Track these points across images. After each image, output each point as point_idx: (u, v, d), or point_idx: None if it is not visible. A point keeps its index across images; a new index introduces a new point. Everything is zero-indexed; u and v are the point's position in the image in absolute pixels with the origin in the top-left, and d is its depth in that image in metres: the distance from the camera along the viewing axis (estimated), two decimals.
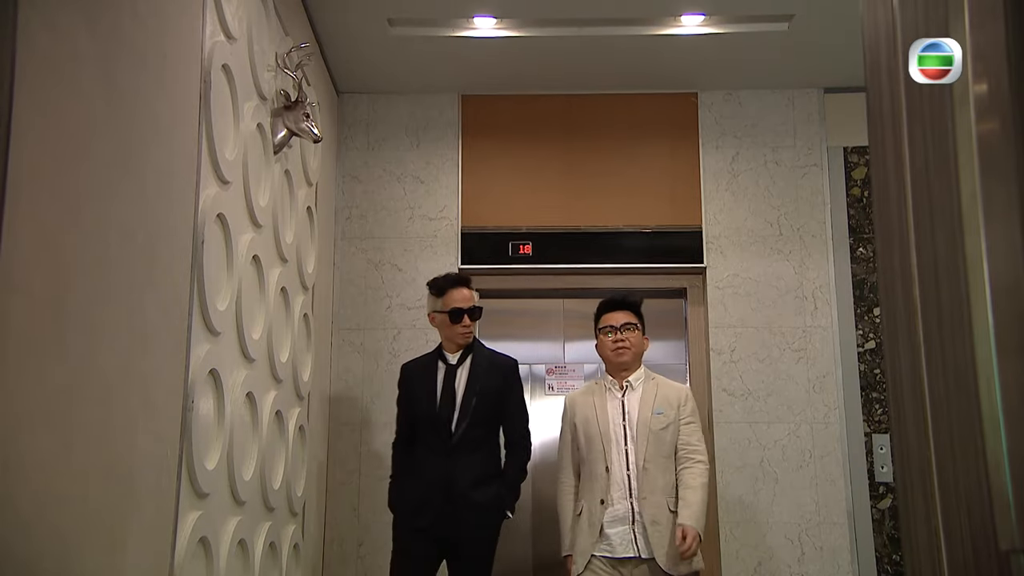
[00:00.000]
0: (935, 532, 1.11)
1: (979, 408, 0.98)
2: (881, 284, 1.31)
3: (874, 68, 1.32)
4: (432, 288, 3.72)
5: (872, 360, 4.37)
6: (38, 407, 1.69)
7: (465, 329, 3.62)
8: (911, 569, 1.19)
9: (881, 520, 4.22)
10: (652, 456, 3.38)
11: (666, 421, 3.44)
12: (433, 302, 3.70)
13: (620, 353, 3.54)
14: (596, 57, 4.32)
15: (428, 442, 3.57)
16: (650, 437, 3.40)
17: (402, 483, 3.62)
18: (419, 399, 3.63)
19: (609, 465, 3.40)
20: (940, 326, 1.11)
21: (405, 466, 3.63)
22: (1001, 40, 1.04)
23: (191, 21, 2.52)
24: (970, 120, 1.04)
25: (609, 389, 3.56)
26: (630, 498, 3.35)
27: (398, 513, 3.61)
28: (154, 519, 2.22)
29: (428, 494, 3.49)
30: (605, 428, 3.45)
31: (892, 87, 1.25)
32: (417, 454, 3.60)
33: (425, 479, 3.52)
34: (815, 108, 4.62)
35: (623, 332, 3.54)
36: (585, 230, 4.57)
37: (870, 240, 4.42)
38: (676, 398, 3.50)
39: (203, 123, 2.56)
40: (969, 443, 1.02)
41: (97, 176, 1.94)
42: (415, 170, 4.63)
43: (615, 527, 3.35)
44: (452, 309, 3.60)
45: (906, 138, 1.22)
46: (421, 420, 3.61)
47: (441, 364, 3.66)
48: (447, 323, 3.62)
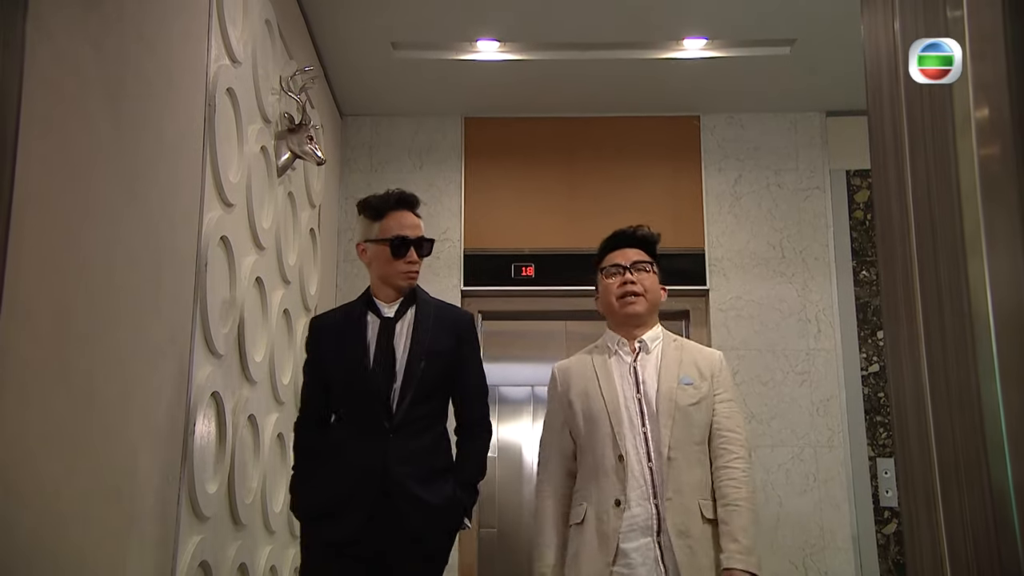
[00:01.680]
0: (941, 560, 1.10)
1: (984, 437, 0.97)
2: (885, 309, 1.31)
3: (876, 92, 1.33)
4: (365, 210, 2.72)
5: (876, 383, 4.35)
6: (41, 431, 1.68)
7: (409, 267, 2.63)
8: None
9: (886, 545, 4.19)
10: (680, 442, 2.45)
11: (697, 395, 2.51)
12: (366, 227, 2.69)
13: (630, 301, 2.59)
14: (599, 80, 4.34)
15: (356, 422, 2.59)
16: (676, 415, 2.46)
17: (312, 477, 2.60)
18: (342, 363, 2.61)
19: (624, 453, 2.44)
20: (944, 352, 1.11)
21: (316, 454, 2.62)
22: (1003, 67, 1.05)
23: (196, 45, 2.54)
24: (972, 145, 1.04)
25: (616, 352, 2.61)
26: (653, 499, 2.41)
27: (307, 520, 2.59)
28: (155, 542, 2.21)
29: (353, 493, 2.49)
30: (614, 403, 2.51)
31: (894, 111, 1.26)
32: (335, 438, 2.60)
33: (349, 472, 2.51)
34: (817, 131, 4.64)
35: (635, 273, 2.63)
36: (588, 252, 4.51)
37: (873, 263, 4.42)
38: (708, 365, 2.59)
39: (207, 146, 2.58)
40: (974, 471, 1.01)
41: (102, 199, 1.94)
42: (418, 192, 4.55)
43: (633, 539, 2.39)
44: (394, 237, 2.62)
45: (908, 163, 1.22)
46: (346, 392, 2.62)
47: (372, 317, 2.64)
48: (385, 257, 2.62)
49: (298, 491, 2.63)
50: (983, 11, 1.08)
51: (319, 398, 2.67)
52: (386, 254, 2.62)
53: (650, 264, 2.64)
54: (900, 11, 1.25)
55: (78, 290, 1.84)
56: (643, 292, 2.60)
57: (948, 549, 1.09)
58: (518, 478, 4.46)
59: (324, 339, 2.67)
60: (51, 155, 1.72)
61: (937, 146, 1.14)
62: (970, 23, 1.08)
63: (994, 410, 0.97)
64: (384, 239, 2.63)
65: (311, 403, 2.70)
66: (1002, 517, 0.96)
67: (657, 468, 2.43)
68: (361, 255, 2.70)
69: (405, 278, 2.63)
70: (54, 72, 1.73)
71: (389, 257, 2.62)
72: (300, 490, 2.62)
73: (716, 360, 2.62)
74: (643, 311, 2.60)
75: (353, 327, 2.62)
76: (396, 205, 2.67)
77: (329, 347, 2.65)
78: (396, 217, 2.65)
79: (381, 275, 2.65)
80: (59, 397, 1.75)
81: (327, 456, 2.57)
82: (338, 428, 2.63)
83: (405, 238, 2.63)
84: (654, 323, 2.65)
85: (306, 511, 2.60)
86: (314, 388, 2.69)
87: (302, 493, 2.61)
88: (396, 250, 2.61)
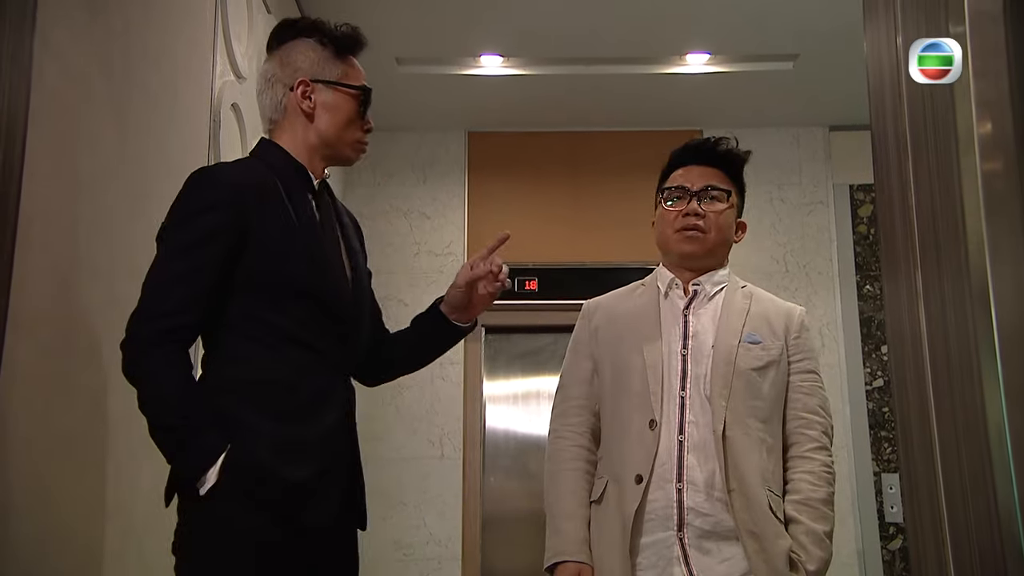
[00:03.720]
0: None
1: (989, 452, 0.97)
2: (889, 326, 1.31)
3: (878, 107, 1.33)
4: (321, 35, 1.83)
5: (880, 398, 4.34)
6: (44, 445, 1.68)
7: (365, 137, 1.88)
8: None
9: (891, 561, 4.16)
10: (739, 416, 1.84)
11: (765, 357, 1.91)
12: (322, 62, 1.82)
13: (689, 237, 1.99)
14: (602, 95, 4.35)
15: (319, 350, 1.72)
16: (735, 382, 1.86)
17: (267, 430, 1.62)
18: (292, 253, 1.70)
19: (656, 419, 1.85)
20: (948, 367, 1.10)
21: (253, 388, 1.65)
22: (1005, 82, 1.05)
23: (202, 62, 2.55)
24: (975, 161, 1.05)
25: (667, 294, 2.01)
26: (677, 482, 1.81)
27: (272, 490, 1.60)
28: (156, 559, 2.20)
29: (333, 457, 1.70)
30: (653, 355, 1.91)
31: (897, 126, 1.26)
32: (283, 367, 1.68)
33: (326, 426, 1.69)
34: (820, 146, 4.64)
35: (702, 202, 2.01)
36: (590, 266, 4.57)
37: (877, 277, 4.42)
38: (784, 322, 1.99)
39: (212, 161, 2.59)
40: (980, 486, 1.01)
41: (107, 214, 1.95)
42: (421, 206, 4.65)
43: (652, 532, 1.81)
44: (365, 87, 1.85)
45: (912, 177, 1.22)
46: (303, 298, 1.70)
47: (309, 195, 1.80)
48: (347, 113, 1.82)
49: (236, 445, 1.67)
50: (985, 26, 1.09)
51: (211, 290, 1.70)
52: (352, 109, 1.82)
53: (727, 193, 2.03)
54: (903, 26, 1.25)
55: (83, 305, 1.84)
56: (709, 229, 1.99)
57: (954, 566, 1.09)
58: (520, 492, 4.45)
59: (248, 203, 1.68)
60: (57, 170, 1.73)
61: (940, 161, 1.15)
62: (972, 38, 1.09)
63: (999, 425, 0.97)
64: (354, 86, 1.83)
65: (194, 300, 1.68)
66: (1008, 533, 0.95)
67: (691, 443, 1.83)
68: (302, 99, 1.78)
69: (359, 149, 1.88)
70: (61, 87, 1.74)
71: (355, 115, 1.83)
72: (240, 446, 1.67)
73: (795, 317, 2.01)
74: (703, 252, 2.00)
75: (293, 195, 1.75)
76: (359, 45, 1.88)
77: (262, 218, 1.68)
78: (357, 63, 1.88)
79: (331, 137, 1.81)
80: (63, 411, 1.75)
81: (276, 393, 1.70)
82: (277, 350, 1.71)
83: (369, 92, 1.85)
84: (720, 264, 2.06)
85: (267, 474, 1.67)
86: (207, 275, 1.68)
87: (247, 447, 1.67)
88: (365, 107, 1.84)
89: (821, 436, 1.89)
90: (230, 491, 1.56)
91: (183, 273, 1.62)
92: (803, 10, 3.63)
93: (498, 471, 4.46)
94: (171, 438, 1.59)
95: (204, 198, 1.67)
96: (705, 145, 2.09)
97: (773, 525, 1.78)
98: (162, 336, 1.59)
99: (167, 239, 1.67)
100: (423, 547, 4.28)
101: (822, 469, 1.86)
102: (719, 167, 2.07)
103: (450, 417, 4.40)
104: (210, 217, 1.64)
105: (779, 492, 1.85)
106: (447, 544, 4.29)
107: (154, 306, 1.61)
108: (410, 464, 4.37)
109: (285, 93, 1.80)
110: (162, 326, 1.59)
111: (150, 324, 1.60)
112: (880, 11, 1.32)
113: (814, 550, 1.77)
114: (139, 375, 1.60)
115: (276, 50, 1.84)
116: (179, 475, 1.59)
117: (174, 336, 1.60)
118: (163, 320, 1.59)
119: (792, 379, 1.93)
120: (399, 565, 4.27)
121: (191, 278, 1.62)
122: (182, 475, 1.58)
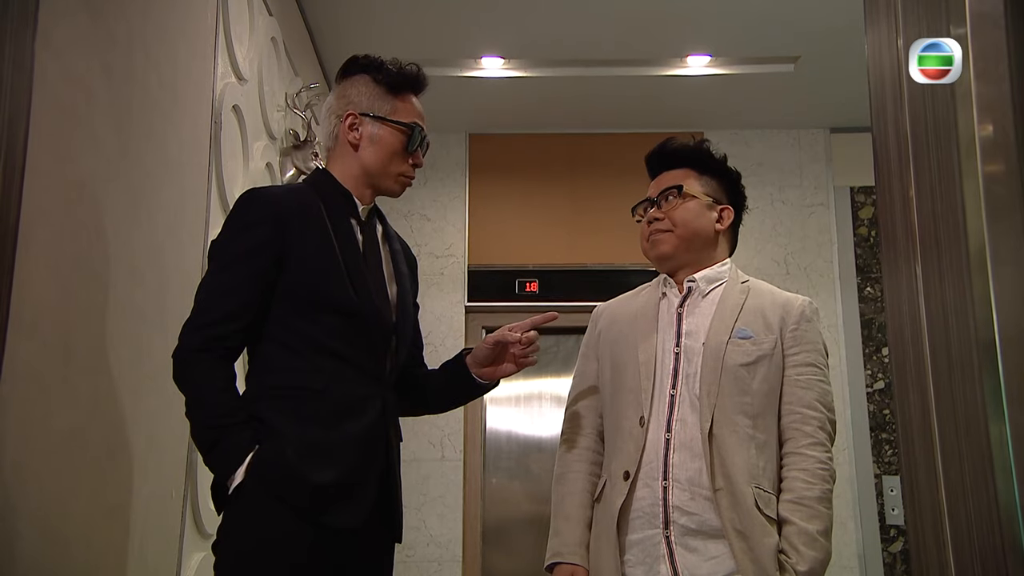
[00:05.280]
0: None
1: (990, 454, 0.97)
2: (890, 328, 1.31)
3: (879, 109, 1.33)
4: (376, 73, 1.93)
5: (881, 400, 4.34)
6: (45, 447, 1.68)
7: (412, 172, 1.96)
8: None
9: (892, 564, 4.16)
10: (726, 413, 1.83)
11: (754, 352, 1.88)
12: (375, 97, 1.92)
13: (655, 241, 2.03)
14: (603, 97, 4.36)
15: (352, 361, 1.79)
16: (723, 378, 1.85)
17: (295, 433, 1.71)
18: (331, 270, 1.79)
19: (647, 415, 1.88)
20: (950, 369, 1.10)
21: (295, 397, 1.75)
22: (1006, 85, 1.05)
23: (203, 63, 2.55)
24: (976, 164, 1.05)
25: (664, 294, 2.03)
26: (662, 480, 1.82)
27: (298, 492, 1.68)
28: (158, 560, 2.20)
29: (362, 462, 1.76)
30: (647, 352, 1.94)
31: (898, 129, 1.26)
32: (314, 375, 1.75)
33: (355, 433, 1.75)
34: (821, 148, 4.65)
35: (662, 207, 2.04)
36: (591, 268, 4.57)
37: (878, 279, 4.42)
38: (780, 314, 1.92)
39: (213, 163, 2.59)
40: (981, 489, 1.01)
41: (108, 216, 1.95)
42: (422, 208, 4.66)
43: (640, 530, 1.83)
44: (415, 124, 1.93)
45: (912, 180, 1.22)
46: (338, 313, 1.79)
47: (352, 220, 1.90)
48: (395, 147, 1.91)
49: (266, 450, 1.78)
50: (987, 29, 1.09)
51: (251, 306, 1.80)
52: (398, 143, 1.90)
53: (679, 188, 2.02)
54: (904, 28, 1.25)
55: (84, 310, 1.84)
56: (672, 225, 2.00)
57: (955, 568, 1.09)
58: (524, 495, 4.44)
59: (291, 224, 1.79)
60: (59, 172, 1.73)
61: (941, 164, 1.15)
62: (973, 40, 1.09)
63: (1000, 428, 0.97)
64: (402, 123, 1.91)
65: (239, 312, 1.81)
66: (1009, 535, 0.95)
67: (678, 441, 1.83)
68: (349, 131, 1.89)
69: (403, 183, 1.94)
70: (62, 90, 1.74)
71: (400, 149, 1.90)
72: (270, 450, 1.77)
73: (794, 308, 1.93)
74: (671, 250, 2.00)
75: (336, 224, 1.85)
76: (417, 85, 1.97)
77: (304, 241, 1.79)
78: (414, 101, 1.96)
79: (374, 168, 1.90)
80: (64, 414, 1.75)
81: (316, 404, 1.80)
82: (315, 364, 1.81)
83: (424, 133, 1.95)
84: (712, 259, 2.03)
85: (293, 480, 1.76)
86: (250, 290, 1.78)
87: (280, 452, 1.78)
88: (412, 143, 1.91)
89: (817, 431, 1.85)
90: (261, 492, 1.66)
91: (230, 285, 1.75)
92: (804, 12, 3.63)
93: (499, 473, 4.46)
94: (207, 438, 1.70)
95: (251, 215, 1.80)
96: (656, 152, 2.14)
97: (760, 524, 1.76)
98: (209, 343, 1.71)
99: (217, 254, 1.81)
100: (424, 549, 4.28)
101: (817, 466, 1.82)
102: (677, 167, 2.09)
103: (451, 419, 4.40)
104: (255, 232, 1.76)
105: (771, 489, 1.82)
106: (448, 546, 4.29)
107: (203, 315, 1.74)
108: (411, 466, 4.37)
109: (337, 124, 1.92)
110: (210, 334, 1.71)
111: (199, 332, 1.72)
112: (881, 13, 1.32)
113: (806, 551, 1.74)
114: (186, 380, 1.72)
115: (339, 84, 1.97)
116: (214, 474, 1.71)
117: (221, 343, 1.72)
118: (211, 328, 1.72)
119: (788, 372, 1.89)
120: (399, 567, 4.25)
121: (237, 289, 1.74)
122: (214, 474, 1.70)
